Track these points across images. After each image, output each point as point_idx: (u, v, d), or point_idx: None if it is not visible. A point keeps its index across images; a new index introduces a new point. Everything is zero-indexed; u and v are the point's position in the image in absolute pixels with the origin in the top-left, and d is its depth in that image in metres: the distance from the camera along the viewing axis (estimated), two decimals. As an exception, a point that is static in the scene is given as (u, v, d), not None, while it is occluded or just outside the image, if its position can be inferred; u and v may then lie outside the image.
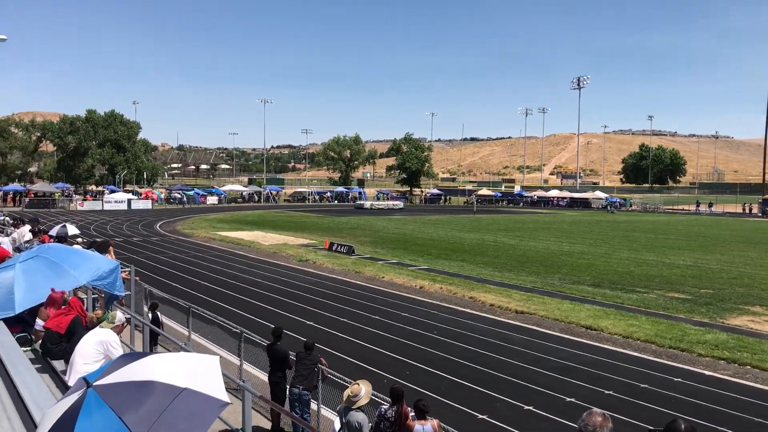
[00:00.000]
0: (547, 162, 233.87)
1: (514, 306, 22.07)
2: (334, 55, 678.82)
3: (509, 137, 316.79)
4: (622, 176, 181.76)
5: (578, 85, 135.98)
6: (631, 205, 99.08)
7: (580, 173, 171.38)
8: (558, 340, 18.12)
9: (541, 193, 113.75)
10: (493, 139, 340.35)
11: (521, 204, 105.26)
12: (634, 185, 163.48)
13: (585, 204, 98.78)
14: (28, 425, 5.77)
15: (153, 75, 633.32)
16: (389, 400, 8.75)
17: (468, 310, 21.95)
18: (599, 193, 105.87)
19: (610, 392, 13.53)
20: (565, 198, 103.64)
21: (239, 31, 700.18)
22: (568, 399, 13.09)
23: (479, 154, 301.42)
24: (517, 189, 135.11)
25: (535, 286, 26.12)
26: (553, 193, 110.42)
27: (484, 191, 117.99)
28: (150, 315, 15.78)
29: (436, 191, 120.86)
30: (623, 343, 17.85)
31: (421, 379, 14.18)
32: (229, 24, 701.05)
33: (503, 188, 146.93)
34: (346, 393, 8.64)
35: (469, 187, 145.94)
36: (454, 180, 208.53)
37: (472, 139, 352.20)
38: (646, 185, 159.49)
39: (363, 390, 8.48)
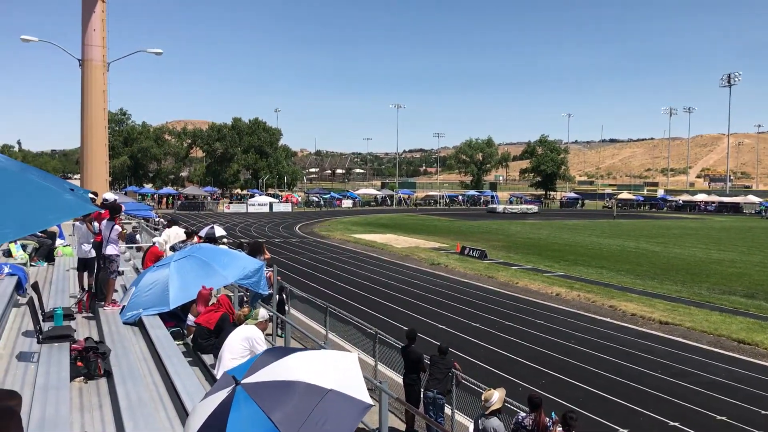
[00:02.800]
0: (693, 164, 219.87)
1: (657, 316, 20.98)
2: (466, 58, 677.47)
3: (651, 138, 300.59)
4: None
5: (728, 82, 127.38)
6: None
7: (730, 176, 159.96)
8: (706, 353, 17.05)
9: (686, 197, 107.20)
10: (634, 141, 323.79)
11: (665, 209, 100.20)
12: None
13: (736, 209, 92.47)
14: (181, 414, 6.17)
15: (293, 84, 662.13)
16: (526, 408, 8.56)
17: (608, 320, 21.11)
18: (752, 198, 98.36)
19: (768, 413, 12.52)
20: (713, 202, 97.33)
21: (373, 39, 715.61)
22: (719, 417, 12.25)
23: (619, 156, 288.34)
24: (660, 193, 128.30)
25: (681, 295, 24.72)
26: (701, 197, 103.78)
27: (625, 195, 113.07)
28: (277, 297, 16.75)
29: (572, 195, 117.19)
30: (782, 360, 16.50)
31: (557, 388, 13.77)
32: (363, 33, 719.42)
33: (645, 192, 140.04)
34: (483, 399, 8.54)
35: (608, 190, 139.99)
36: (592, 183, 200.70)
37: (612, 141, 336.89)
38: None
39: (495, 395, 8.35)
